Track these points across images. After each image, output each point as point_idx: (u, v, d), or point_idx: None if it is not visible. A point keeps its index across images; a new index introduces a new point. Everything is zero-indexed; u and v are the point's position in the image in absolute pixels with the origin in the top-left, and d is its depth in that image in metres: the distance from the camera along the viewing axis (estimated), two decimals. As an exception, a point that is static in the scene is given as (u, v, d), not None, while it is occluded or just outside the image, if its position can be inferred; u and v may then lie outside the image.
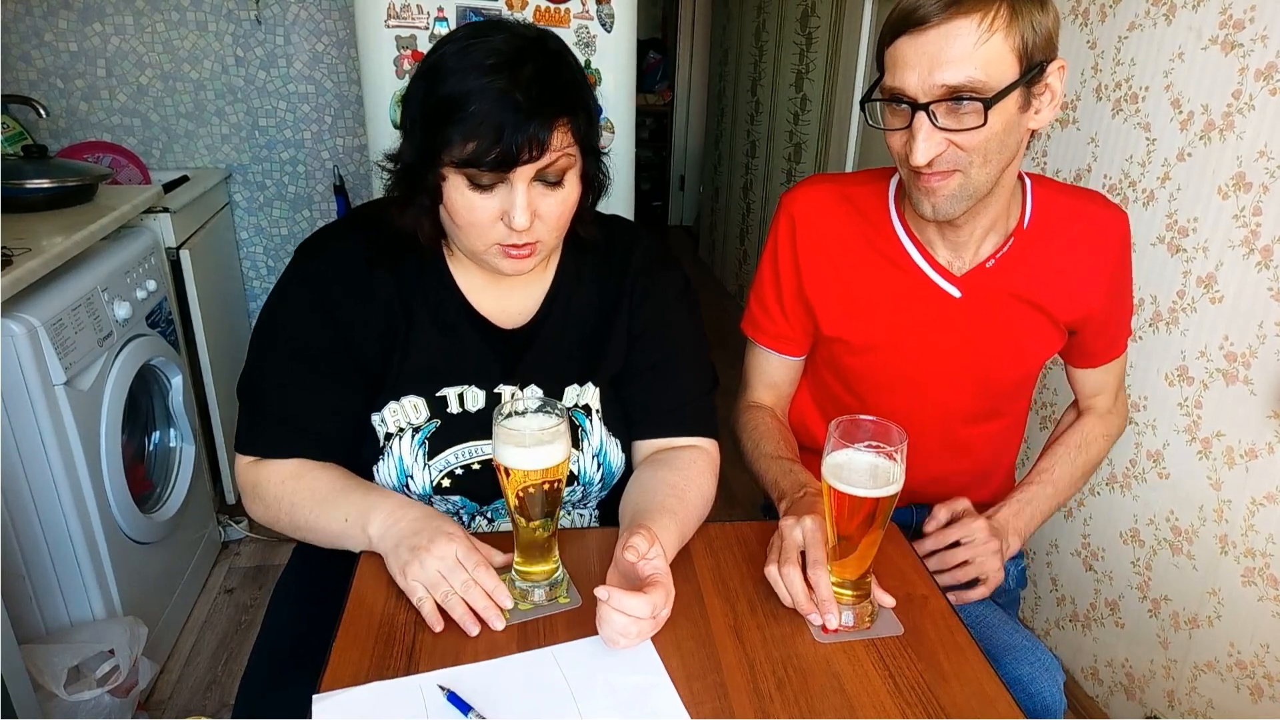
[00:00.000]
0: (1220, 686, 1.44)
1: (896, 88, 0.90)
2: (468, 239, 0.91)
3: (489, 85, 0.83)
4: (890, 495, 0.79)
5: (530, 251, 0.91)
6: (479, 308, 1.01)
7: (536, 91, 0.84)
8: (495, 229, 0.89)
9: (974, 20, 0.85)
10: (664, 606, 0.79)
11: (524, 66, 0.84)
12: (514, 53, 0.85)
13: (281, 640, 1.01)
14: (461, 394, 1.00)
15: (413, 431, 0.99)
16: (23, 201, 1.69)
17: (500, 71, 0.84)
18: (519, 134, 0.83)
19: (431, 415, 0.99)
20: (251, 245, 2.74)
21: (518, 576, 0.87)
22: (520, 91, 0.83)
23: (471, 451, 1.00)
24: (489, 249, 0.91)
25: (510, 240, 0.90)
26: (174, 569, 1.91)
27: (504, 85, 0.83)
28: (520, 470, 0.79)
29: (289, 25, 2.54)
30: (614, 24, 2.02)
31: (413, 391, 0.99)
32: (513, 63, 0.84)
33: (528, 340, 1.02)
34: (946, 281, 1.07)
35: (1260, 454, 1.34)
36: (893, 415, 1.12)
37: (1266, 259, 1.31)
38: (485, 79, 0.84)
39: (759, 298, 1.18)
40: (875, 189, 1.11)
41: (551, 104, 0.85)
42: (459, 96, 0.84)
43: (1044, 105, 0.92)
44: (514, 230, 0.88)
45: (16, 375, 1.39)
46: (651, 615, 0.78)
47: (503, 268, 0.93)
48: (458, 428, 0.99)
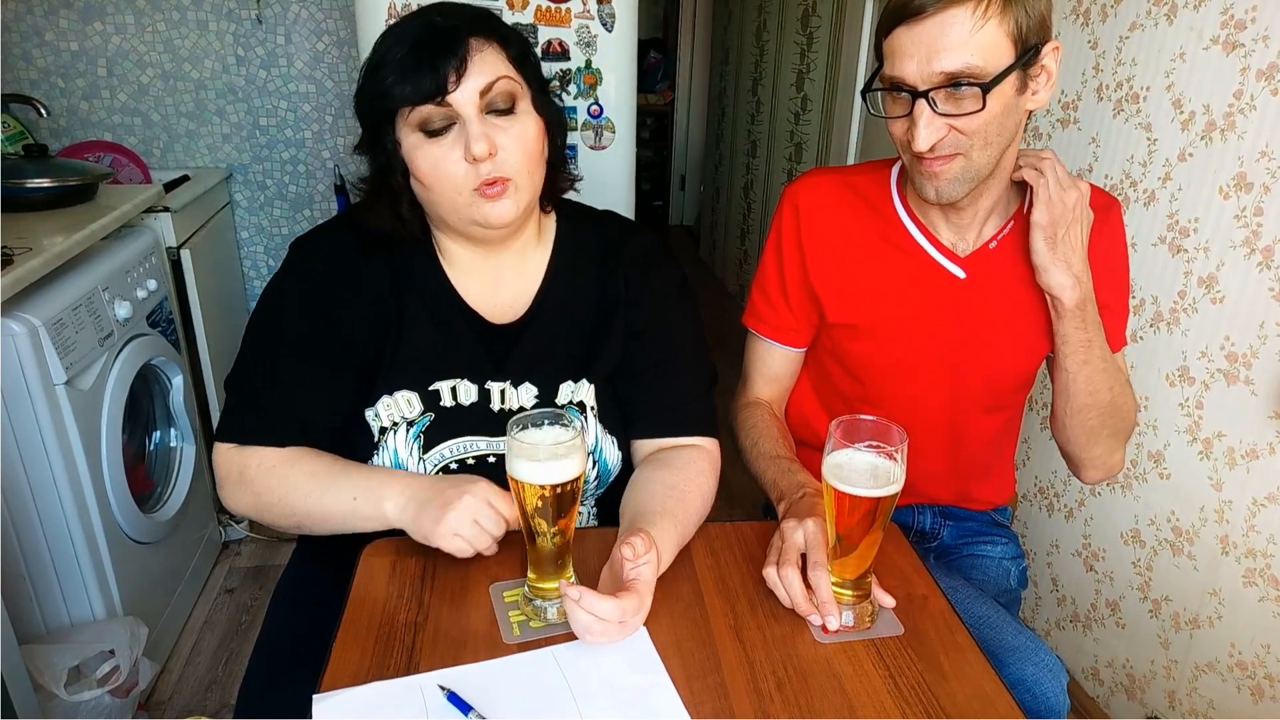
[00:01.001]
0: (1221, 687, 1.44)
1: (896, 76, 0.92)
2: (444, 196, 0.92)
3: (408, 30, 0.90)
4: (890, 495, 0.79)
5: (504, 189, 0.91)
6: (470, 302, 1.02)
7: (453, 14, 0.91)
8: (466, 175, 0.90)
9: (968, 8, 0.87)
10: (634, 614, 0.78)
11: (442, 13, 0.91)
12: (434, 7, 0.92)
13: (282, 640, 1.01)
14: (454, 387, 1.00)
15: (406, 425, 0.98)
16: (23, 201, 1.69)
17: (417, 18, 0.91)
18: (444, 54, 0.87)
19: (425, 409, 0.99)
20: (252, 245, 2.75)
21: (531, 593, 0.85)
22: (438, 15, 0.90)
23: (467, 446, 1.00)
24: (469, 201, 0.92)
25: (480, 180, 0.90)
26: (174, 569, 1.91)
27: (421, 24, 0.90)
28: (534, 485, 0.78)
29: (290, 25, 2.54)
30: (615, 24, 2.02)
31: (405, 385, 0.99)
32: (430, 11, 0.91)
33: (518, 336, 1.02)
34: (951, 263, 1.08)
35: (1261, 454, 1.34)
36: (897, 404, 1.13)
37: (1268, 259, 1.30)
38: (405, 29, 0.90)
39: (762, 289, 1.19)
40: (877, 177, 1.12)
41: (471, 21, 0.90)
42: (385, 50, 0.90)
43: (1041, 86, 0.94)
44: (477, 160, 0.88)
45: (17, 375, 1.39)
46: (619, 620, 0.77)
47: (487, 216, 0.92)
48: (452, 421, 0.99)
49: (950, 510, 1.27)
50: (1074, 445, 1.13)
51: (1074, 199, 0.97)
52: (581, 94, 2.07)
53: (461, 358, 1.00)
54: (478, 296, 1.02)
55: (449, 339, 1.00)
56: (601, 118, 2.09)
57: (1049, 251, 0.98)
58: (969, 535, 1.26)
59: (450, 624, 0.82)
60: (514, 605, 0.85)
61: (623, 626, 0.79)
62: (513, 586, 0.87)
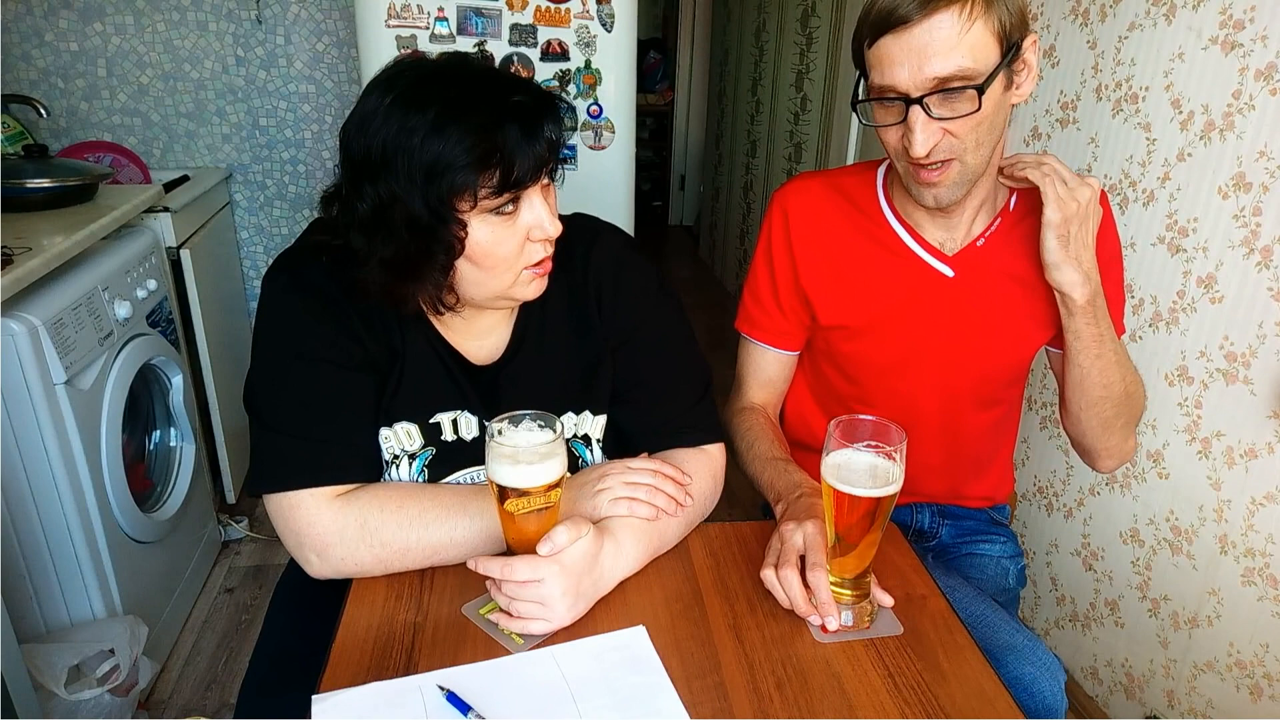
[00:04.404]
0: (1220, 686, 1.44)
1: (887, 85, 0.91)
2: (494, 280, 0.87)
3: (487, 106, 0.80)
4: (890, 495, 0.79)
5: (550, 264, 0.90)
6: (453, 344, 0.97)
7: (523, 89, 0.83)
8: (522, 254, 0.87)
9: (954, 11, 0.87)
10: (510, 574, 0.79)
11: (487, 80, 0.83)
12: (470, 74, 0.83)
13: (281, 640, 1.01)
14: (455, 420, 0.97)
15: (409, 458, 0.96)
16: (23, 201, 1.69)
17: (489, 88, 0.82)
18: (532, 140, 0.81)
19: (425, 443, 0.96)
20: (252, 245, 2.75)
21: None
22: (519, 95, 0.82)
23: (473, 477, 0.98)
24: (517, 280, 0.88)
25: (540, 256, 0.87)
26: (174, 568, 1.91)
27: (499, 101, 0.81)
28: (515, 488, 0.77)
29: (289, 25, 2.54)
30: (614, 24, 2.02)
31: (406, 417, 0.95)
32: (506, 87, 0.82)
33: (498, 377, 0.98)
34: (939, 261, 1.08)
35: (1260, 454, 1.34)
36: (892, 402, 1.14)
37: (1266, 259, 1.31)
38: (479, 101, 0.80)
39: (754, 294, 1.19)
40: (864, 179, 1.13)
41: (541, 96, 0.84)
42: (461, 131, 0.79)
43: (1024, 80, 0.95)
44: (548, 240, 0.86)
45: (17, 375, 1.39)
46: (522, 581, 0.79)
47: (528, 293, 0.90)
48: (455, 455, 0.97)
49: (949, 509, 1.27)
50: (1089, 437, 1.12)
51: (1087, 196, 0.97)
52: (581, 94, 2.07)
53: (459, 392, 0.97)
54: (460, 340, 0.98)
55: (447, 373, 0.96)
56: (601, 118, 2.09)
57: (1061, 250, 0.97)
58: (967, 534, 1.26)
59: (449, 624, 0.82)
60: (496, 619, 0.83)
61: (501, 588, 0.80)
62: (483, 602, 0.85)
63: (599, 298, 1.00)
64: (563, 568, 0.80)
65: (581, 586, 0.82)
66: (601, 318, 1.00)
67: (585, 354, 1.01)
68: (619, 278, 1.01)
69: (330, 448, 0.88)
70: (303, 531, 0.86)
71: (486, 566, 0.80)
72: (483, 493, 0.90)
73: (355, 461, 0.90)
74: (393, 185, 0.81)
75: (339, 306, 0.91)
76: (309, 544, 0.86)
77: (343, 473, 0.88)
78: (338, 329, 0.91)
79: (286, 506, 0.87)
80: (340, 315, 0.91)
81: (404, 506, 0.88)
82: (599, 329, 1.00)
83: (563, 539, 0.80)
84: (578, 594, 0.82)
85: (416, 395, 0.95)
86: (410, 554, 0.87)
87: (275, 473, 0.87)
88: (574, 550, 0.81)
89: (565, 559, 0.80)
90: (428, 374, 0.96)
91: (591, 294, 1.00)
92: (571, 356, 1.00)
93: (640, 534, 0.90)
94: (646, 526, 0.90)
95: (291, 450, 0.87)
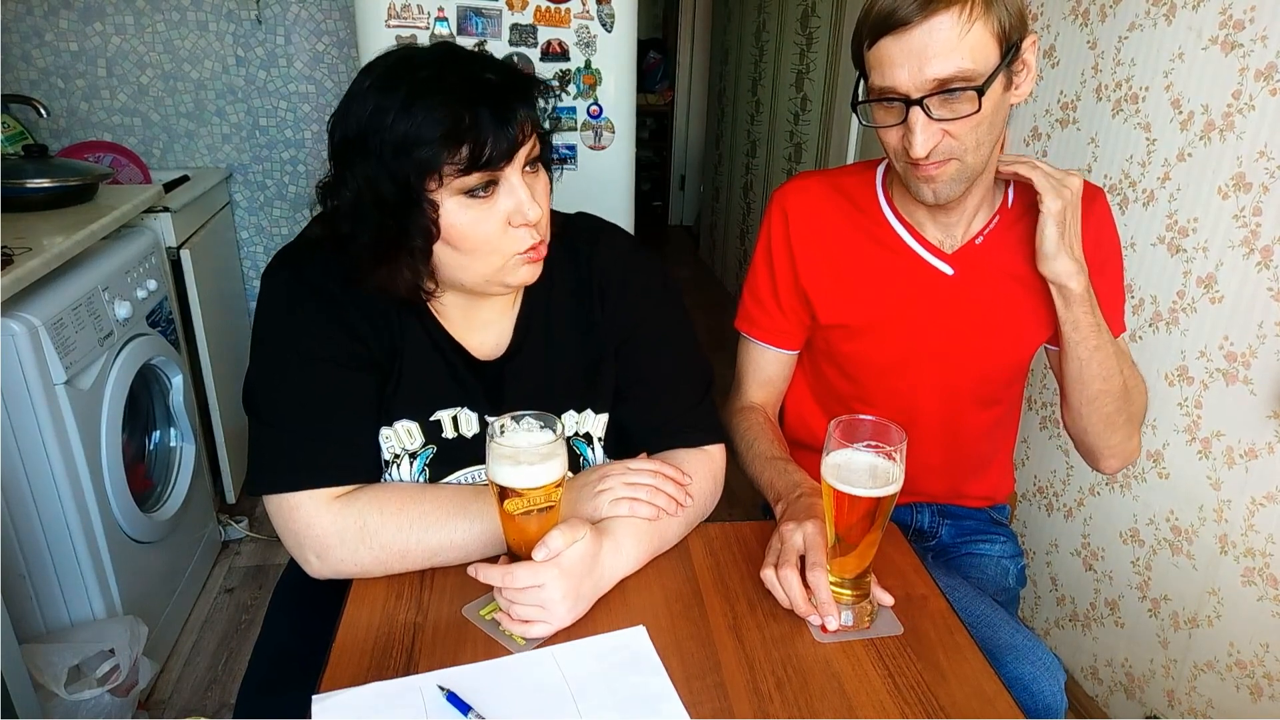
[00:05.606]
0: (1220, 686, 1.44)
1: (887, 86, 0.91)
2: (479, 264, 0.86)
3: (452, 82, 0.80)
4: (890, 495, 0.79)
5: (544, 249, 0.89)
6: (456, 337, 0.97)
7: (498, 70, 0.83)
8: (506, 238, 0.85)
9: (953, 13, 0.87)
10: (510, 582, 0.79)
11: (462, 61, 0.83)
12: (443, 56, 0.83)
13: (281, 640, 1.01)
14: (455, 417, 0.96)
15: (409, 457, 0.95)
16: (23, 201, 1.69)
17: (456, 67, 0.82)
18: (503, 122, 0.80)
19: (426, 441, 0.96)
20: (252, 245, 2.75)
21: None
22: (490, 72, 0.82)
23: (474, 477, 0.98)
24: (505, 264, 0.87)
25: (528, 243, 0.86)
26: (174, 568, 1.91)
27: (466, 78, 0.81)
28: (515, 488, 0.77)
29: (289, 25, 2.54)
30: (614, 24, 2.02)
31: (406, 415, 0.94)
32: (469, 62, 0.83)
33: (505, 371, 0.98)
34: (938, 259, 1.09)
35: (1260, 454, 1.34)
36: (892, 402, 1.14)
37: (1266, 259, 1.31)
38: (446, 78, 0.80)
39: (753, 293, 1.19)
40: (863, 178, 1.13)
41: (518, 83, 0.84)
42: (418, 95, 0.79)
43: (1023, 81, 0.95)
44: (530, 225, 0.85)
45: (17, 375, 1.39)
46: (520, 588, 0.79)
47: (521, 278, 0.89)
48: (456, 453, 0.96)
49: (949, 509, 1.27)
50: (1091, 435, 1.12)
51: (1076, 185, 0.98)
52: (581, 94, 2.07)
53: (460, 389, 0.96)
54: (463, 334, 0.97)
55: (448, 368, 0.96)
56: (601, 118, 2.09)
57: (1060, 239, 0.98)
58: (967, 534, 1.27)
59: (449, 624, 0.82)
60: (497, 619, 0.83)
61: (501, 592, 0.80)
62: (484, 603, 0.85)
63: (603, 296, 1.00)
64: (562, 571, 0.80)
65: (582, 588, 0.82)
66: (605, 315, 1.00)
67: (588, 352, 1.01)
68: (623, 276, 1.01)
69: (330, 448, 0.88)
70: (302, 533, 0.86)
71: (487, 575, 0.80)
72: (483, 494, 0.89)
73: (355, 462, 0.90)
74: (367, 167, 0.81)
75: (338, 303, 0.91)
76: (309, 545, 0.86)
77: (342, 473, 0.88)
78: (338, 326, 0.90)
79: (286, 508, 0.87)
80: (340, 312, 0.91)
81: (404, 509, 0.88)
82: (602, 327, 1.00)
83: (558, 543, 0.79)
84: (578, 596, 0.82)
85: (417, 391, 0.95)
86: (410, 556, 0.87)
87: (274, 473, 0.87)
88: (573, 553, 0.81)
89: (565, 562, 0.80)
90: (429, 369, 0.95)
91: (596, 292, 1.00)
92: (575, 354, 1.00)
93: (640, 534, 0.90)
94: (646, 526, 0.90)
95: (291, 450, 0.87)
